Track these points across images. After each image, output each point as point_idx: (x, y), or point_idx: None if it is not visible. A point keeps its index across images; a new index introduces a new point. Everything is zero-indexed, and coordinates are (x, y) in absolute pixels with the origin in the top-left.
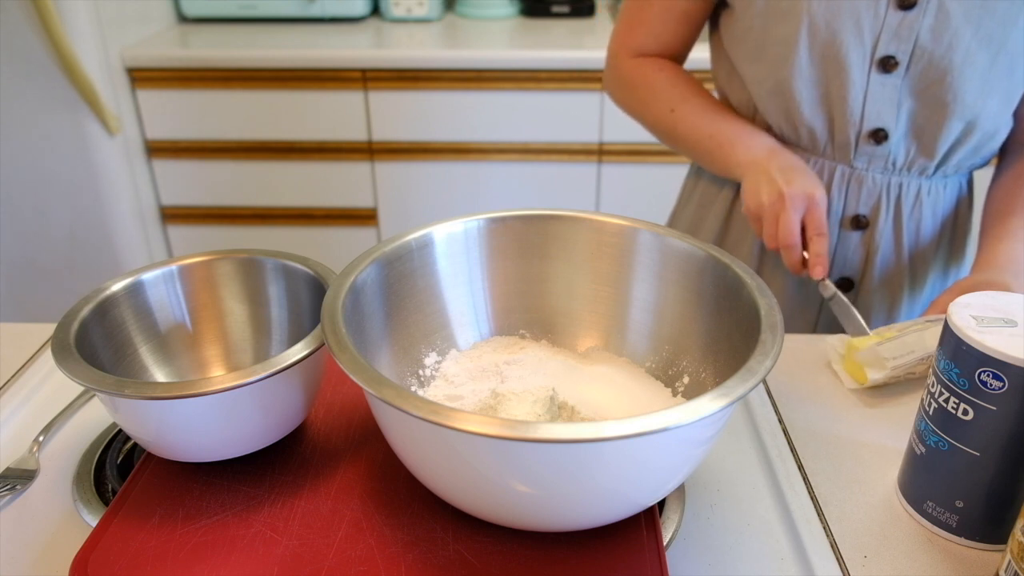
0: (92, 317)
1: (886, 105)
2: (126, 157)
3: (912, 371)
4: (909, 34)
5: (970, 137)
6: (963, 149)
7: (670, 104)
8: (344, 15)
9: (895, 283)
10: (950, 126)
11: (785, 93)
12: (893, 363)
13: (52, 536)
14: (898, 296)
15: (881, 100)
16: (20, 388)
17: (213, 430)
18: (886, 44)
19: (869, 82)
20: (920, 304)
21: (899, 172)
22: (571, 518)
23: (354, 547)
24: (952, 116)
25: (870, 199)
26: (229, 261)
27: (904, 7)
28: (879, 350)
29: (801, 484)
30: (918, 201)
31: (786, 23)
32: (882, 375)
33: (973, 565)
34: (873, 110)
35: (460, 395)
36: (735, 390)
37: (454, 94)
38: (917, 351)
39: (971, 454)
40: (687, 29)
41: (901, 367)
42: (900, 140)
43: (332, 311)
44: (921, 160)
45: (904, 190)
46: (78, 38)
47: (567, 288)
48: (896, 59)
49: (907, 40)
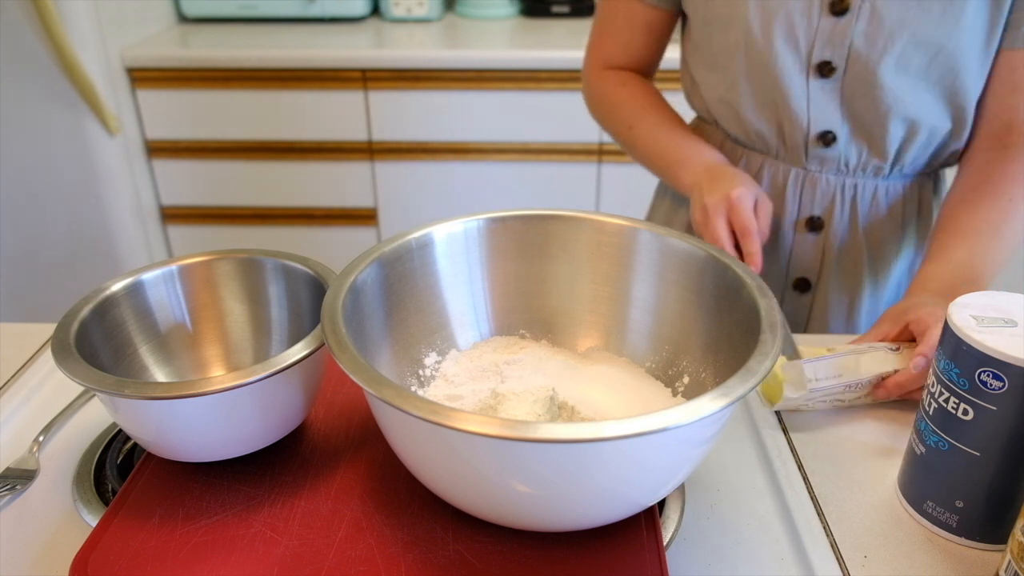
0: (92, 317)
1: (829, 109)
2: (126, 157)
3: (840, 399)
4: (843, 39)
5: (916, 135)
6: (913, 147)
7: (628, 122)
8: (344, 15)
9: (854, 283)
10: (894, 126)
11: (733, 100)
12: (815, 384)
13: (52, 536)
14: (857, 295)
15: (823, 104)
16: (20, 388)
17: (213, 430)
18: (820, 50)
19: (809, 87)
20: (883, 303)
21: (853, 173)
22: (571, 518)
23: (354, 547)
24: (894, 116)
25: (824, 200)
26: (229, 261)
27: (836, 13)
28: (804, 367)
29: (801, 484)
30: (875, 202)
31: (727, 32)
32: (798, 396)
33: (973, 565)
34: (817, 114)
35: (460, 395)
36: (735, 390)
37: (454, 94)
38: (846, 376)
39: (971, 454)
40: (651, 40)
41: (823, 391)
42: (848, 142)
43: (332, 311)
44: (874, 161)
45: (859, 191)
46: (78, 38)
47: (567, 288)
48: (832, 64)
49: (841, 45)
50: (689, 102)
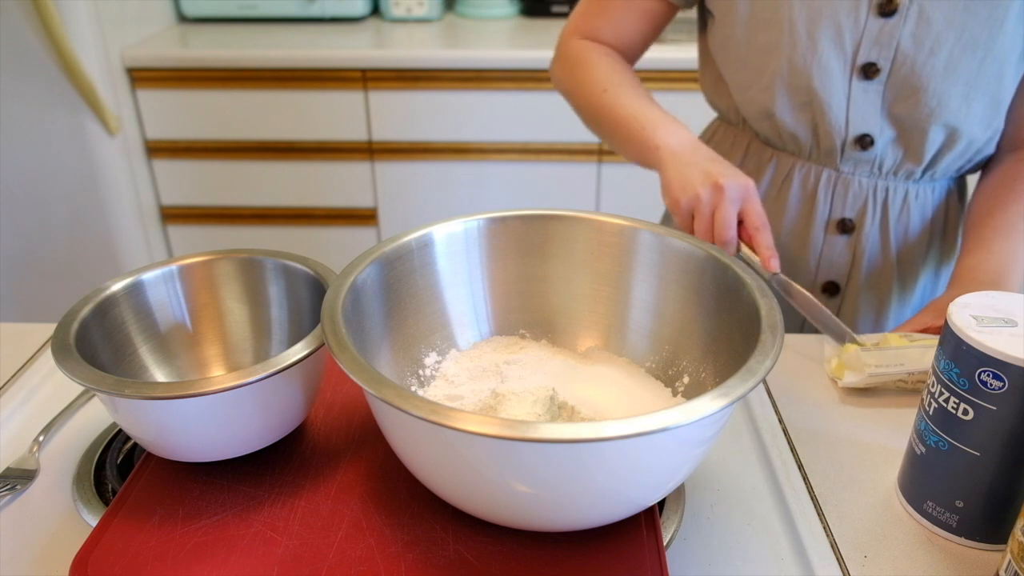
0: (92, 317)
1: (870, 111)
2: (126, 157)
3: (903, 380)
4: (890, 41)
5: (956, 143)
6: (950, 154)
7: (604, 85)
8: (344, 15)
9: (883, 287)
10: (934, 132)
11: (768, 100)
12: (872, 370)
13: (52, 536)
14: (886, 300)
15: (864, 107)
16: (20, 388)
17: (213, 430)
18: (867, 51)
19: (851, 89)
20: (910, 308)
21: (886, 176)
22: (571, 518)
23: (354, 547)
24: (936, 122)
25: (856, 203)
26: (229, 261)
27: (884, 14)
28: (863, 356)
29: (801, 484)
30: (905, 205)
31: (768, 31)
32: (857, 379)
33: (973, 565)
34: (857, 116)
35: (460, 395)
36: (735, 390)
37: (454, 94)
38: (907, 365)
39: (971, 454)
40: (647, 27)
41: (882, 376)
42: (886, 146)
43: (332, 311)
44: (908, 165)
45: (891, 194)
46: (78, 38)
47: (567, 288)
48: (877, 66)
49: (888, 47)
50: (711, 102)
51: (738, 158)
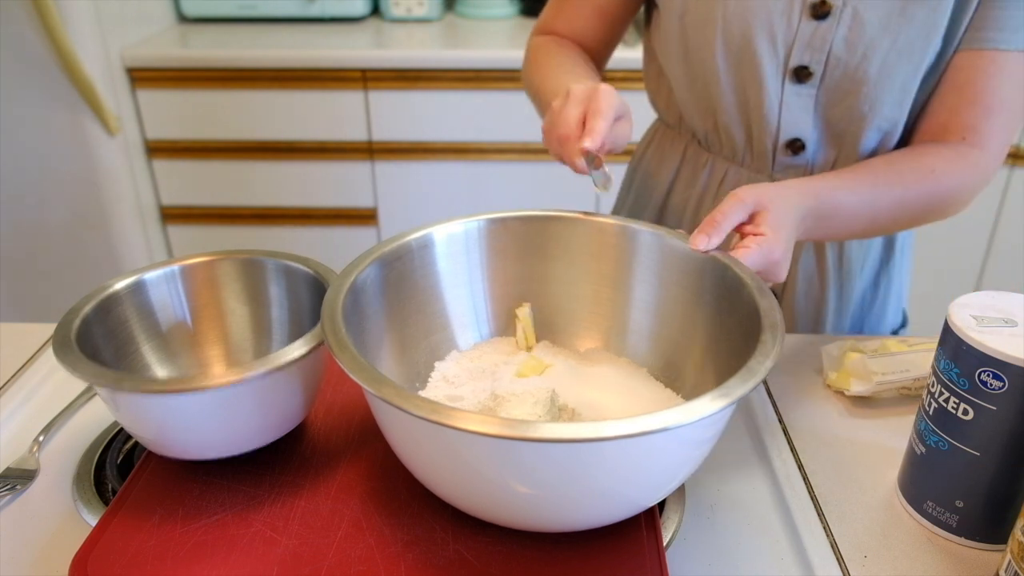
0: (94, 315)
1: (801, 115)
2: (126, 157)
3: (906, 387)
4: (822, 44)
5: (889, 145)
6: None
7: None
8: (344, 15)
9: (819, 290)
10: (868, 135)
11: (706, 98)
12: (880, 378)
13: (52, 536)
14: (823, 303)
15: (796, 110)
16: (20, 388)
17: (213, 427)
18: (799, 54)
19: (784, 91)
20: (849, 311)
21: None
22: (571, 518)
23: (354, 547)
24: (870, 126)
25: None
26: (230, 261)
27: (817, 16)
28: (869, 363)
29: (801, 484)
30: None
31: (703, 28)
32: (865, 388)
33: (973, 565)
34: (789, 120)
35: (460, 395)
36: (735, 390)
37: (454, 94)
38: (913, 371)
39: (971, 454)
40: (603, 25)
41: (889, 383)
42: (818, 150)
43: (332, 311)
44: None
45: None
46: (78, 38)
47: (567, 288)
48: (810, 69)
49: (820, 50)
50: (652, 101)
51: (675, 162)
